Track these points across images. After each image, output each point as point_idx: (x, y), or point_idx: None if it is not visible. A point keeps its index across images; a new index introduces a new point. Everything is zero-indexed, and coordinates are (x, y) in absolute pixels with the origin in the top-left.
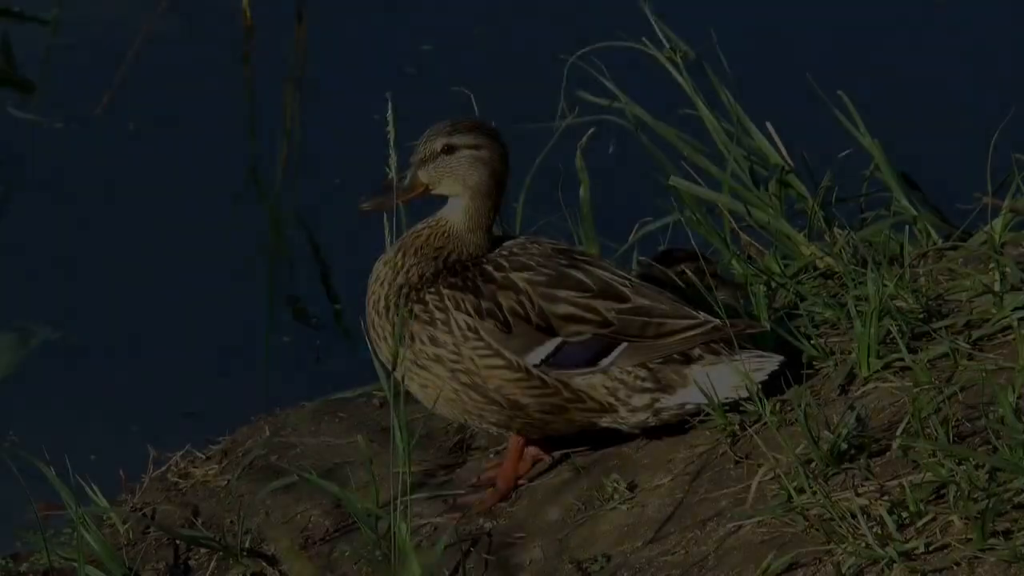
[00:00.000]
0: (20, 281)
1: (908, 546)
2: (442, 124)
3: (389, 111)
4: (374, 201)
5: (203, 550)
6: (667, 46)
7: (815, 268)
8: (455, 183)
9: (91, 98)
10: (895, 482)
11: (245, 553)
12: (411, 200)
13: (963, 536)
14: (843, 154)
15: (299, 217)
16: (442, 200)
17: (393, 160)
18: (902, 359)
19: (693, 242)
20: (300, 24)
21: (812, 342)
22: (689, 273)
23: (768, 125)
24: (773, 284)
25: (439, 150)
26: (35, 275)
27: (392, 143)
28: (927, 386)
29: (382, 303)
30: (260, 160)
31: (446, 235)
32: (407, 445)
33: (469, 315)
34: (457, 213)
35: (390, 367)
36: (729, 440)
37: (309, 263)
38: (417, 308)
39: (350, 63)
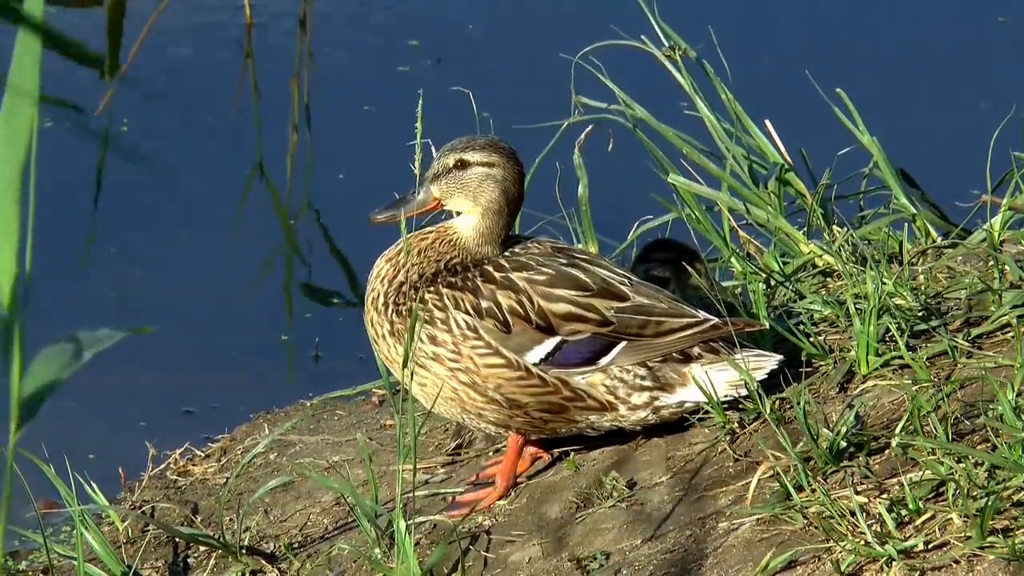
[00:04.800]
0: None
1: (907, 544)
2: (458, 140)
3: (419, 108)
4: (386, 214)
5: (202, 548)
6: (666, 44)
7: (814, 266)
8: (466, 200)
9: (88, 98)
10: (894, 480)
11: (244, 551)
12: (423, 214)
13: (962, 534)
14: (842, 152)
15: (295, 217)
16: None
17: (418, 158)
18: (901, 357)
19: (687, 239)
20: (304, 23)
21: (811, 340)
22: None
23: (767, 123)
24: (772, 282)
25: (452, 165)
26: (36, 275)
27: (418, 141)
28: (926, 384)
29: (381, 300)
30: (263, 160)
31: (452, 244)
32: (411, 441)
33: (468, 314)
34: (468, 228)
35: (389, 363)
36: (728, 438)
37: (310, 260)
38: (416, 307)
39: (343, 58)
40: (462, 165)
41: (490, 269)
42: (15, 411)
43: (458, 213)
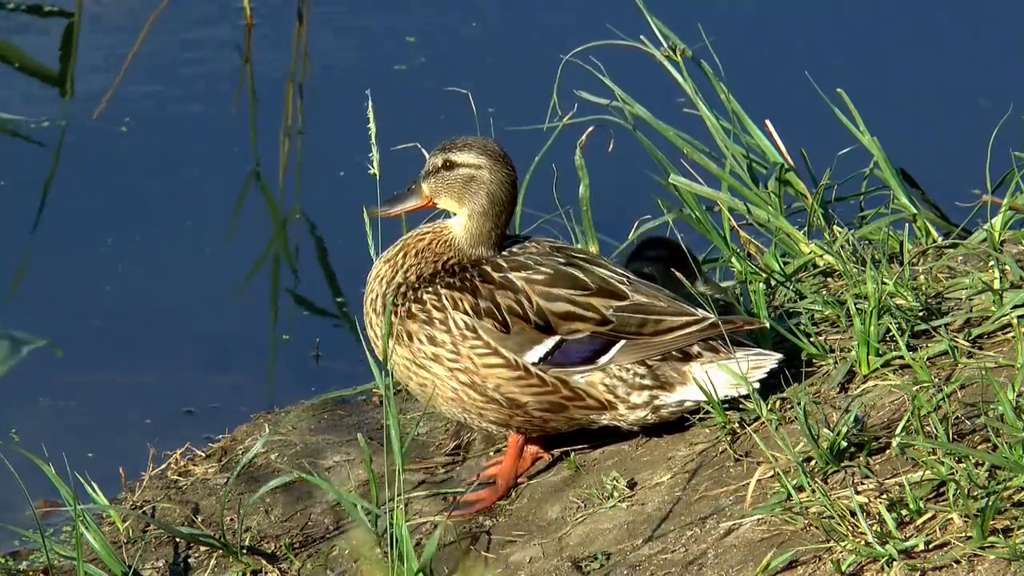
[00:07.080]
0: (18, 281)
1: (908, 544)
2: (452, 139)
3: (369, 108)
4: (385, 209)
5: (203, 548)
6: (665, 44)
7: (815, 266)
8: (451, 200)
9: (87, 99)
10: (895, 480)
11: (244, 551)
12: (419, 210)
13: (963, 534)
14: (842, 152)
15: (295, 216)
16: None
17: (375, 157)
18: (902, 357)
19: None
20: (301, 25)
21: (811, 340)
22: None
23: (767, 123)
24: (773, 282)
25: (440, 165)
26: (35, 275)
27: (374, 140)
28: (927, 384)
29: (379, 301)
30: (261, 159)
31: (447, 244)
32: (402, 443)
33: (467, 314)
34: (459, 229)
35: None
36: (728, 438)
37: (310, 261)
38: (415, 307)
39: (341, 58)
40: (449, 165)
41: (488, 269)
42: None
43: (453, 213)
